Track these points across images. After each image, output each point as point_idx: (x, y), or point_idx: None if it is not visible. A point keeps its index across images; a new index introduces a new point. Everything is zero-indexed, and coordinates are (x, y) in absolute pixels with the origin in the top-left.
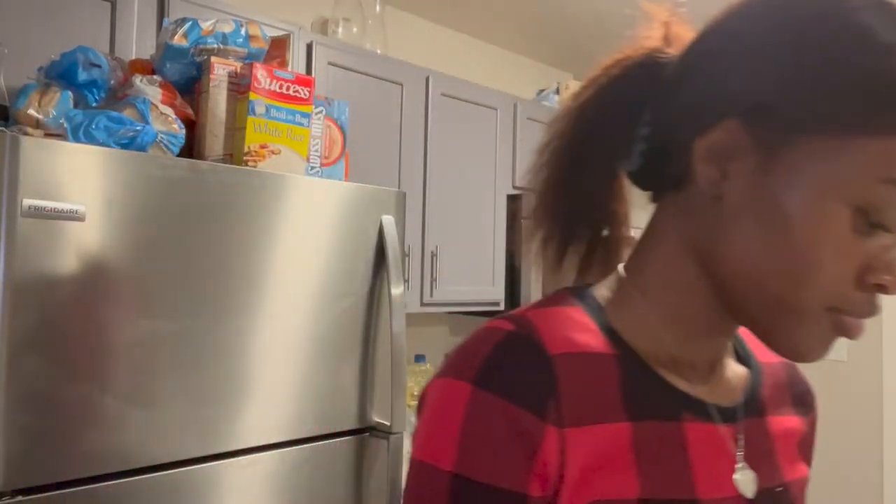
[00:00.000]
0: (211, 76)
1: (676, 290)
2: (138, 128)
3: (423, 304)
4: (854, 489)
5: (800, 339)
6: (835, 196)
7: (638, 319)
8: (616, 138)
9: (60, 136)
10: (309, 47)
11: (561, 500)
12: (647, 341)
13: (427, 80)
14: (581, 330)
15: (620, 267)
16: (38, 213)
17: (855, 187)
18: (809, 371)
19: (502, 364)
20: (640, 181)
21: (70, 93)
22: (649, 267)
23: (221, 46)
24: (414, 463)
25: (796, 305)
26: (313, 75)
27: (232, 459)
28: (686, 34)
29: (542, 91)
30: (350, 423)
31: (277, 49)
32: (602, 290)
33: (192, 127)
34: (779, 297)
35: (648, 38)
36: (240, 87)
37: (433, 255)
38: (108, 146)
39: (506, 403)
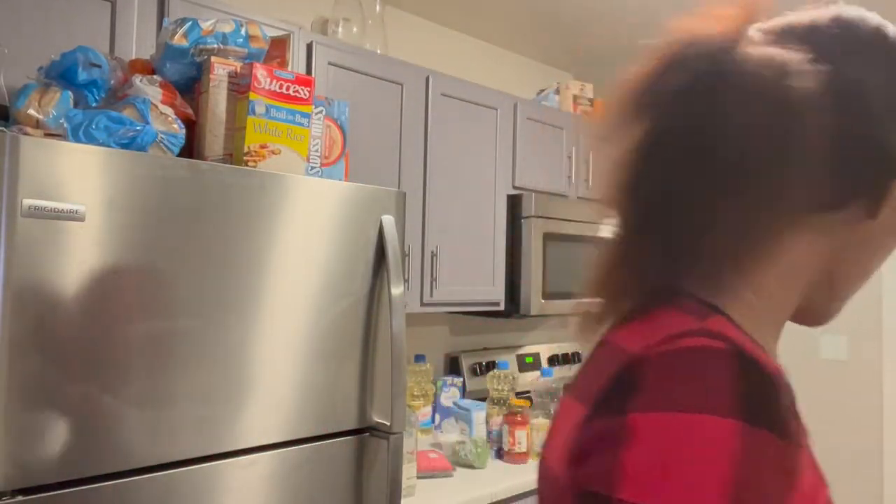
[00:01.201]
0: (211, 76)
1: (789, 299)
2: (138, 128)
3: (423, 304)
4: (854, 489)
5: (838, 311)
6: None
7: (761, 329)
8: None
9: (60, 136)
10: (309, 47)
11: None
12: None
13: (427, 80)
14: (754, 345)
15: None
16: (38, 213)
17: None
18: (810, 371)
19: (755, 394)
20: None
21: (70, 93)
22: (766, 276)
23: (221, 46)
24: None
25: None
26: (313, 75)
27: (232, 459)
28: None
29: (542, 91)
30: (350, 423)
31: (277, 49)
32: (716, 299)
33: (192, 127)
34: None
35: (729, 14)
36: (240, 86)
37: (433, 255)
38: (108, 146)
39: (776, 440)
